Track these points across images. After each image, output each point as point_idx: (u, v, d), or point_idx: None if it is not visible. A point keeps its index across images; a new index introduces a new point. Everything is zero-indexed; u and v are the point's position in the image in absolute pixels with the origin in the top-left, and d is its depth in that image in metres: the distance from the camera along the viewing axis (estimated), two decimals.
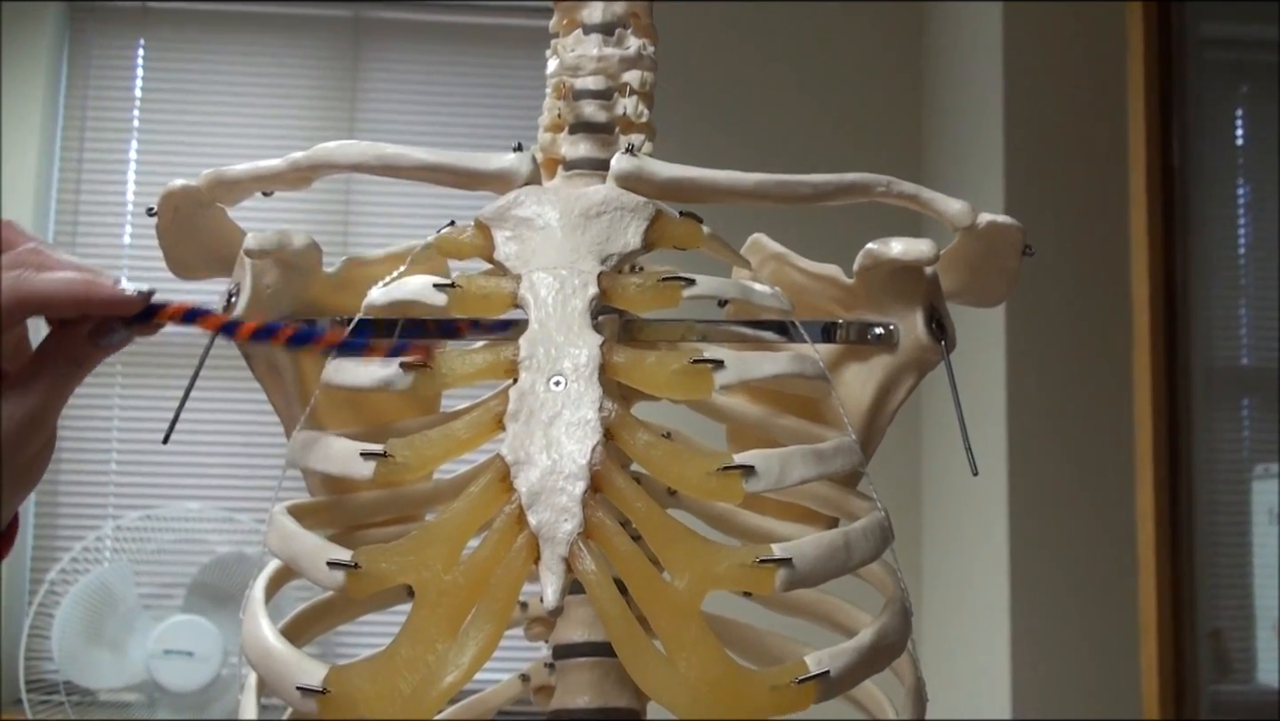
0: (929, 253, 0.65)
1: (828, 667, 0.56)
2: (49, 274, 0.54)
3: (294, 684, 0.57)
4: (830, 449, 0.63)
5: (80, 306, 0.55)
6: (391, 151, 0.67)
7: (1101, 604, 2.25)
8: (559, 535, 0.56)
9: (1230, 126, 2.28)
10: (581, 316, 0.61)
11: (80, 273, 0.55)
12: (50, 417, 0.57)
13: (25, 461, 0.56)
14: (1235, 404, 2.21)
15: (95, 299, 0.55)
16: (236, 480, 2.95)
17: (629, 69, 0.74)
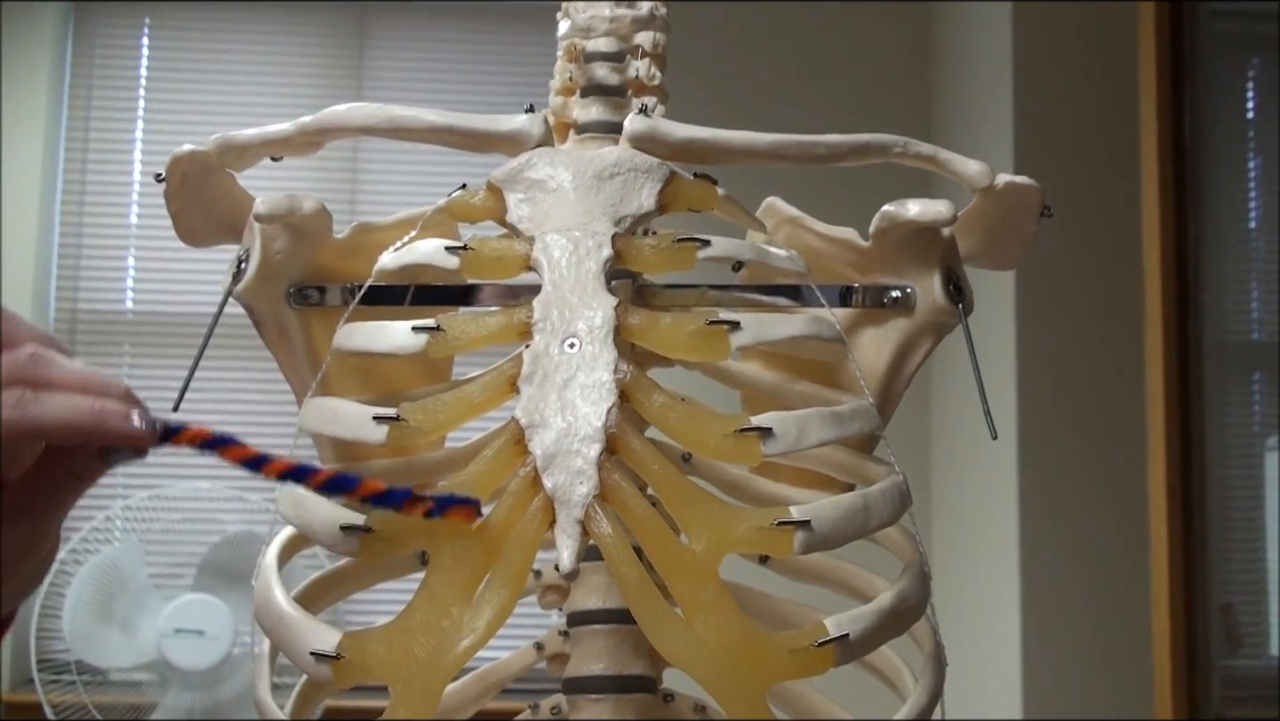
0: (947, 213, 0.64)
1: (847, 630, 0.56)
2: (53, 399, 0.49)
3: (308, 649, 0.56)
4: (848, 411, 0.62)
5: (86, 439, 0.50)
6: (401, 113, 0.67)
7: (1113, 577, 2.25)
8: (574, 498, 0.55)
9: (1241, 100, 2.26)
10: (596, 278, 0.60)
11: (86, 395, 0.49)
12: (52, 531, 0.53)
13: (27, 572, 0.53)
14: (1246, 378, 2.20)
15: (104, 431, 0.50)
16: None
17: (641, 30, 0.73)
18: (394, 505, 0.54)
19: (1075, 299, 2.33)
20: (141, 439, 0.51)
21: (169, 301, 2.92)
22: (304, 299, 0.67)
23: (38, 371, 0.49)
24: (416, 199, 1.02)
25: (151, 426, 0.51)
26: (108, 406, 0.50)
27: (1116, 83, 2.28)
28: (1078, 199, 2.27)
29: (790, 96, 2.88)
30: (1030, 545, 2.28)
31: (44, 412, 0.48)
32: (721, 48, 2.88)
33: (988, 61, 2.53)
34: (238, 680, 2.56)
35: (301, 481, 0.53)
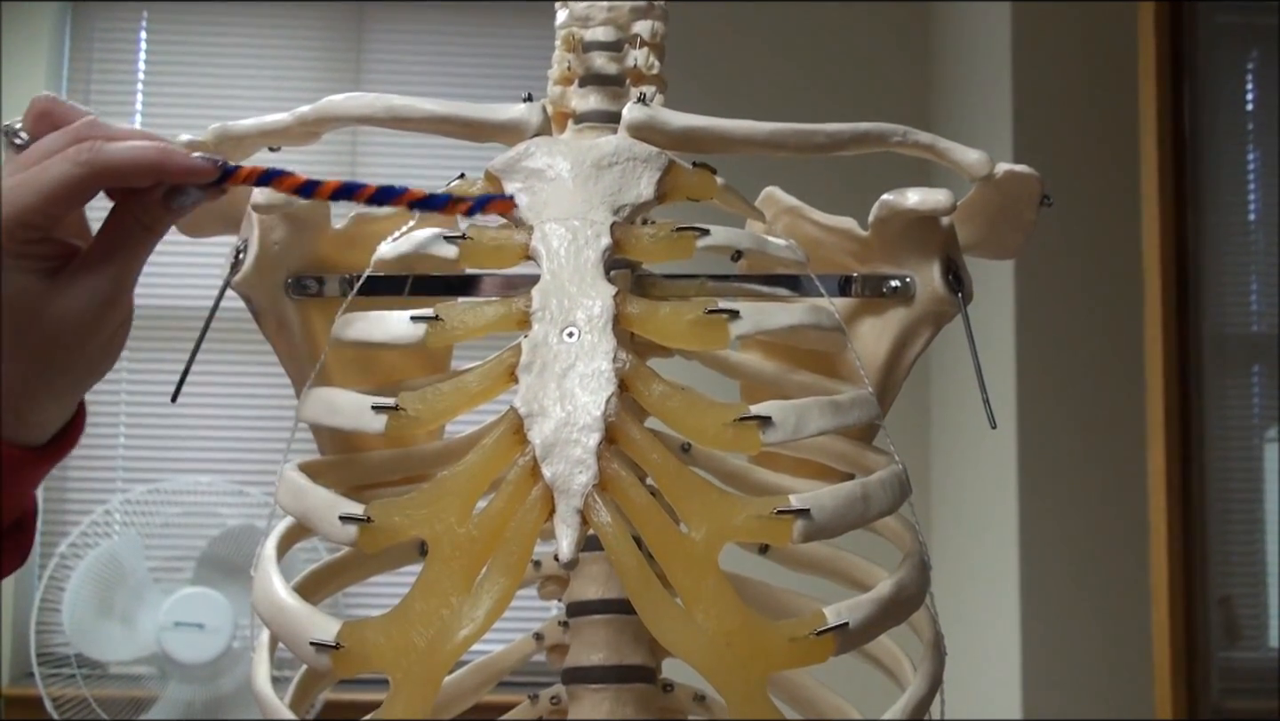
0: (946, 202, 0.64)
1: (846, 619, 0.56)
2: (120, 144, 0.53)
3: (307, 639, 0.56)
4: (847, 401, 0.62)
5: (156, 175, 0.54)
6: (399, 103, 0.67)
7: (1112, 569, 2.25)
8: (574, 487, 0.55)
9: (1241, 92, 2.26)
10: (594, 267, 0.60)
11: (148, 140, 0.54)
12: (129, 288, 0.56)
13: (105, 339, 0.56)
14: (1246, 370, 2.20)
15: (170, 167, 0.54)
16: (246, 453, 2.95)
17: (639, 19, 0.73)
18: (437, 208, 0.59)
19: (1075, 291, 2.33)
20: (205, 172, 0.55)
21: (166, 295, 2.92)
22: (302, 289, 0.67)
23: (102, 129, 0.54)
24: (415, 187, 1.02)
25: (212, 161, 0.55)
26: (170, 147, 0.55)
27: (1116, 75, 2.28)
28: (1077, 191, 2.27)
29: (788, 88, 2.88)
30: (1030, 537, 2.28)
31: (115, 154, 0.53)
32: (719, 43, 2.87)
33: (987, 53, 2.53)
34: (237, 673, 2.56)
35: (351, 198, 0.58)
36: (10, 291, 0.53)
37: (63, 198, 0.53)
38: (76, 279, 0.55)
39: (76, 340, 0.55)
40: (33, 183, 0.53)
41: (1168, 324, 2.09)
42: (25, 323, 0.54)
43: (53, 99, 0.56)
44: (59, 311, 0.54)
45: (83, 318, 0.54)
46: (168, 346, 2.95)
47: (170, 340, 2.94)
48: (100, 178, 0.53)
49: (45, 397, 0.56)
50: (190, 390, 0.67)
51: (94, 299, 0.55)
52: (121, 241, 0.56)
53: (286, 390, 0.69)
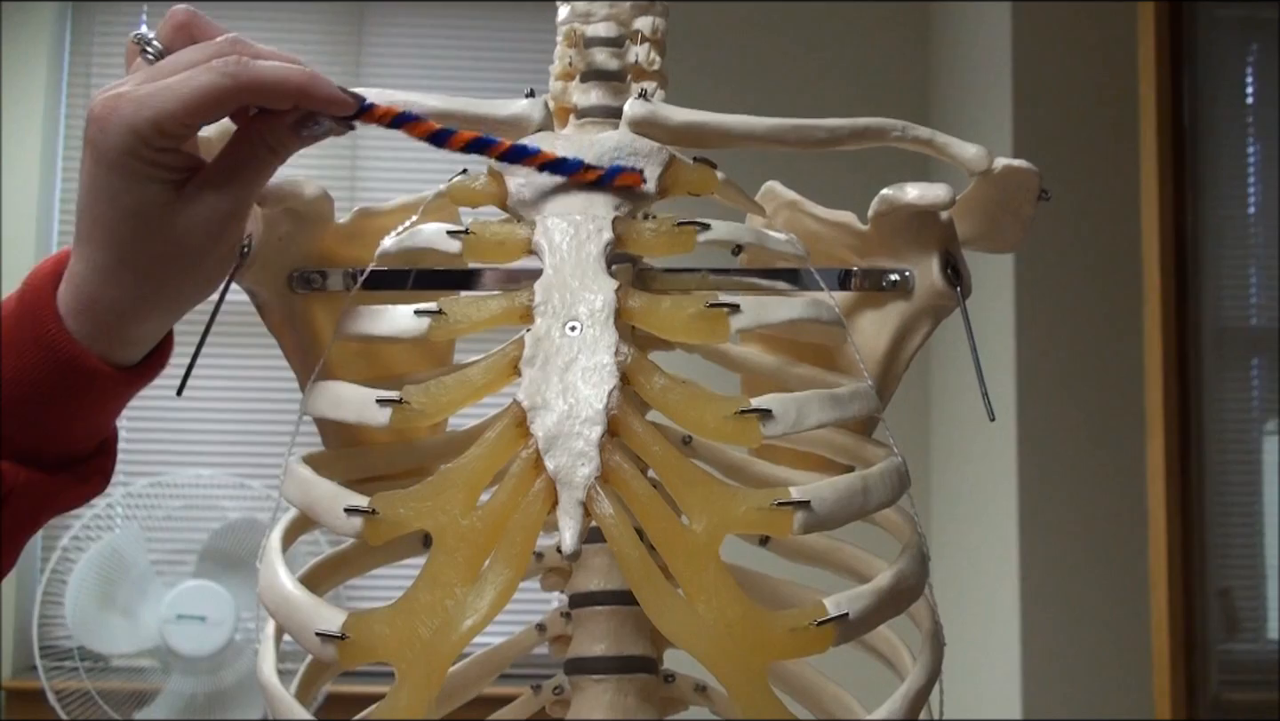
0: (945, 197, 0.65)
1: (846, 610, 0.56)
2: (265, 63, 0.53)
3: (313, 630, 0.57)
4: (847, 394, 0.62)
5: (299, 99, 0.54)
6: (402, 99, 0.67)
7: (1111, 562, 2.26)
8: (576, 479, 0.56)
9: (1240, 84, 2.26)
10: (596, 262, 0.61)
11: (294, 64, 0.54)
12: (249, 208, 0.57)
13: (217, 258, 0.56)
14: (1245, 363, 2.20)
15: (314, 94, 0.54)
16: (247, 446, 2.96)
17: (640, 15, 0.73)
18: (570, 171, 0.62)
19: (1074, 284, 2.33)
20: (344, 104, 0.55)
21: None
22: (306, 283, 0.67)
23: (246, 47, 0.54)
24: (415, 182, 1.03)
25: (352, 95, 0.56)
26: (315, 73, 0.54)
27: (1116, 67, 2.28)
28: (1077, 183, 2.28)
29: (788, 85, 2.89)
30: (1029, 529, 2.29)
31: (263, 71, 0.53)
32: (720, 42, 2.88)
33: (987, 46, 2.54)
34: (239, 666, 2.57)
35: (485, 151, 0.60)
36: (136, 199, 0.53)
37: (206, 107, 0.52)
38: (201, 194, 0.54)
39: (193, 256, 0.55)
40: (176, 89, 0.52)
41: (1167, 317, 2.10)
42: (147, 232, 0.54)
43: (192, 12, 0.56)
44: (182, 225, 0.54)
45: (203, 233, 0.54)
46: None
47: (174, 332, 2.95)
48: (246, 92, 0.53)
49: (148, 314, 0.56)
50: (192, 383, 0.67)
51: (216, 215, 0.54)
52: (247, 160, 0.55)
53: (287, 384, 0.70)
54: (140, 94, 0.52)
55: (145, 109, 0.52)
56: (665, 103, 0.69)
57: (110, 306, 0.55)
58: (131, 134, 0.52)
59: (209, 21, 0.56)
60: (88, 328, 0.55)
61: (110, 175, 0.53)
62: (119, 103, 0.52)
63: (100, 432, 0.60)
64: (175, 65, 0.53)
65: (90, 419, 0.58)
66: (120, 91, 0.53)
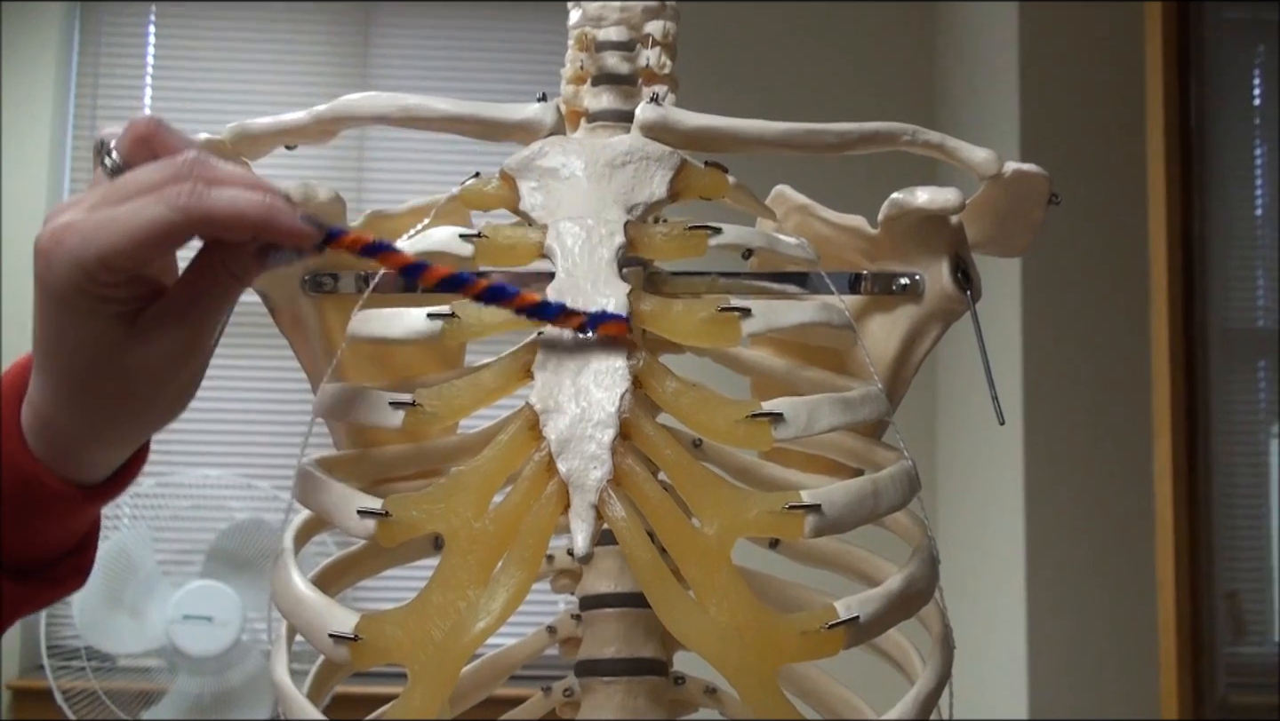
0: (955, 201, 0.65)
1: (857, 613, 0.56)
2: (224, 191, 0.49)
3: (326, 631, 0.57)
4: (857, 397, 0.63)
5: (256, 232, 0.50)
6: (414, 102, 0.67)
7: (1118, 564, 2.26)
8: (588, 482, 0.56)
9: (1247, 87, 2.26)
10: (608, 266, 0.61)
11: (255, 191, 0.50)
12: (211, 337, 0.54)
13: (178, 389, 0.54)
14: (1252, 365, 2.20)
15: (274, 227, 0.50)
16: (254, 447, 2.96)
17: (652, 19, 0.73)
18: (549, 317, 0.58)
19: (1081, 286, 2.33)
20: (307, 236, 0.51)
21: None
22: (318, 286, 0.67)
23: (205, 170, 0.50)
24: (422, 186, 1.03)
25: (316, 225, 0.51)
26: (276, 203, 0.50)
27: (1122, 69, 2.28)
28: (1083, 185, 2.28)
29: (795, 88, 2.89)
30: (1036, 532, 2.29)
31: (217, 203, 0.49)
32: (727, 42, 2.88)
33: (993, 48, 2.54)
34: (246, 666, 2.57)
35: (459, 290, 0.55)
36: (85, 335, 0.50)
37: (153, 243, 0.49)
38: (157, 325, 0.51)
39: (150, 389, 0.52)
40: (122, 222, 0.48)
41: (1174, 319, 2.09)
42: (99, 368, 0.51)
43: (156, 122, 0.52)
44: (136, 358, 0.51)
45: (161, 366, 0.52)
46: None
47: None
48: (197, 226, 0.49)
49: (107, 442, 0.54)
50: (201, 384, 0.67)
51: (173, 349, 0.52)
52: (208, 289, 0.52)
53: (295, 385, 0.70)
54: (87, 227, 0.49)
55: (91, 245, 0.48)
56: (676, 106, 0.69)
57: (68, 433, 0.53)
58: (77, 269, 0.49)
59: (171, 133, 0.52)
60: (47, 450, 0.53)
61: (58, 311, 0.50)
62: (65, 234, 0.49)
63: (74, 539, 0.57)
64: (128, 189, 0.50)
65: (57, 532, 0.56)
66: (68, 221, 0.49)
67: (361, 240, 0.53)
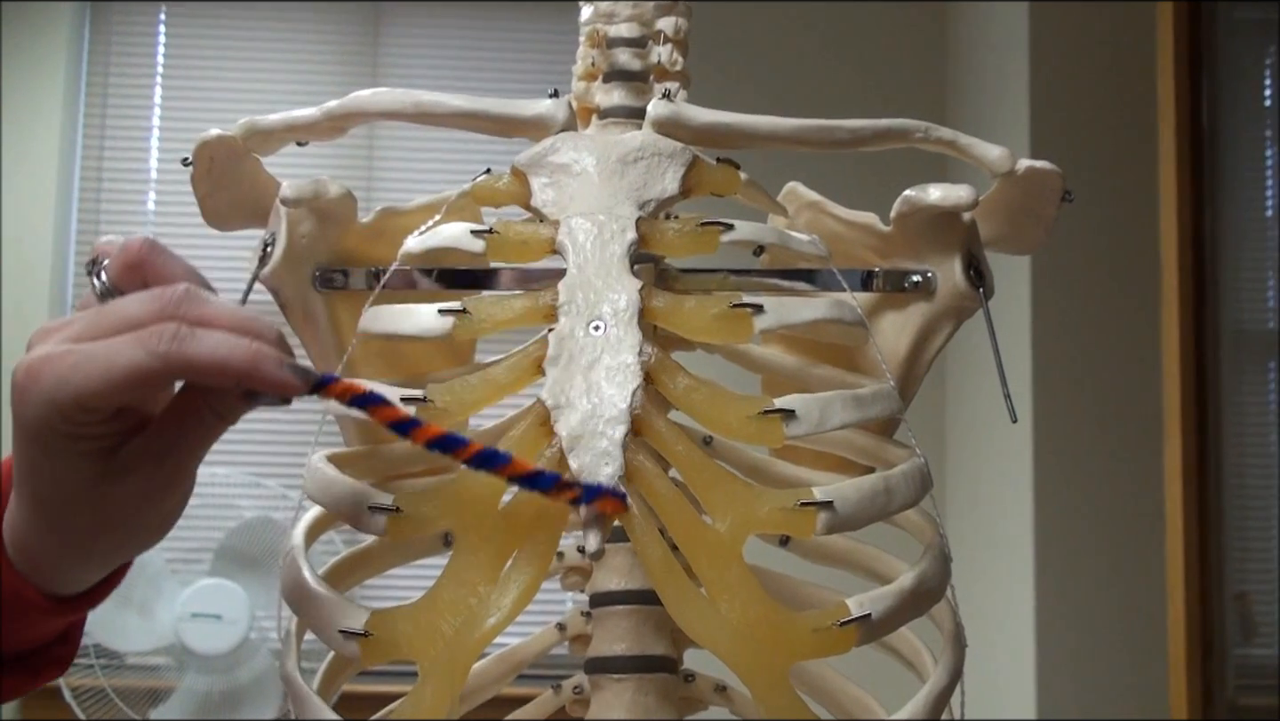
0: (968, 198, 0.65)
1: (869, 610, 0.56)
2: (210, 337, 0.47)
3: (336, 627, 0.57)
4: (869, 394, 0.62)
5: (240, 382, 0.48)
6: (426, 99, 0.67)
7: (1128, 564, 2.25)
8: (600, 478, 0.56)
9: (1259, 87, 2.25)
10: (620, 261, 0.61)
11: (241, 337, 0.48)
12: (191, 473, 0.52)
13: (167, 510, 0.53)
14: (1263, 365, 2.19)
15: (258, 378, 0.48)
16: (263, 445, 2.97)
17: (663, 15, 0.73)
18: (542, 488, 0.54)
19: (1092, 286, 2.33)
20: (292, 387, 0.49)
21: None
22: (329, 282, 0.67)
23: (192, 308, 0.48)
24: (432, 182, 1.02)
25: (303, 376, 0.49)
26: (263, 350, 0.48)
27: (1134, 70, 2.28)
28: (1095, 185, 2.27)
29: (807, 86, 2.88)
30: (1045, 532, 2.28)
31: (200, 350, 0.47)
32: (738, 44, 2.88)
33: (1004, 48, 2.53)
34: (255, 664, 2.57)
35: (450, 452, 0.52)
36: (60, 471, 0.49)
37: (130, 388, 0.47)
38: (136, 463, 0.50)
39: (128, 525, 0.51)
40: (100, 363, 0.47)
41: (1185, 319, 2.09)
42: (75, 503, 0.50)
43: (151, 245, 0.50)
44: (115, 496, 0.50)
45: (138, 504, 0.50)
46: None
47: None
48: (180, 372, 0.47)
49: (84, 566, 0.54)
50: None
51: (151, 487, 0.50)
52: (192, 428, 0.50)
53: None
54: (63, 367, 0.47)
55: (66, 386, 0.47)
56: (688, 103, 0.69)
57: (44, 555, 0.52)
58: (52, 409, 0.47)
59: (168, 259, 0.50)
60: (26, 564, 0.52)
61: (32, 447, 0.49)
62: (42, 371, 0.47)
63: (56, 632, 0.57)
64: (110, 323, 0.48)
65: (37, 634, 0.55)
66: (46, 355, 0.48)
67: (352, 390, 0.51)
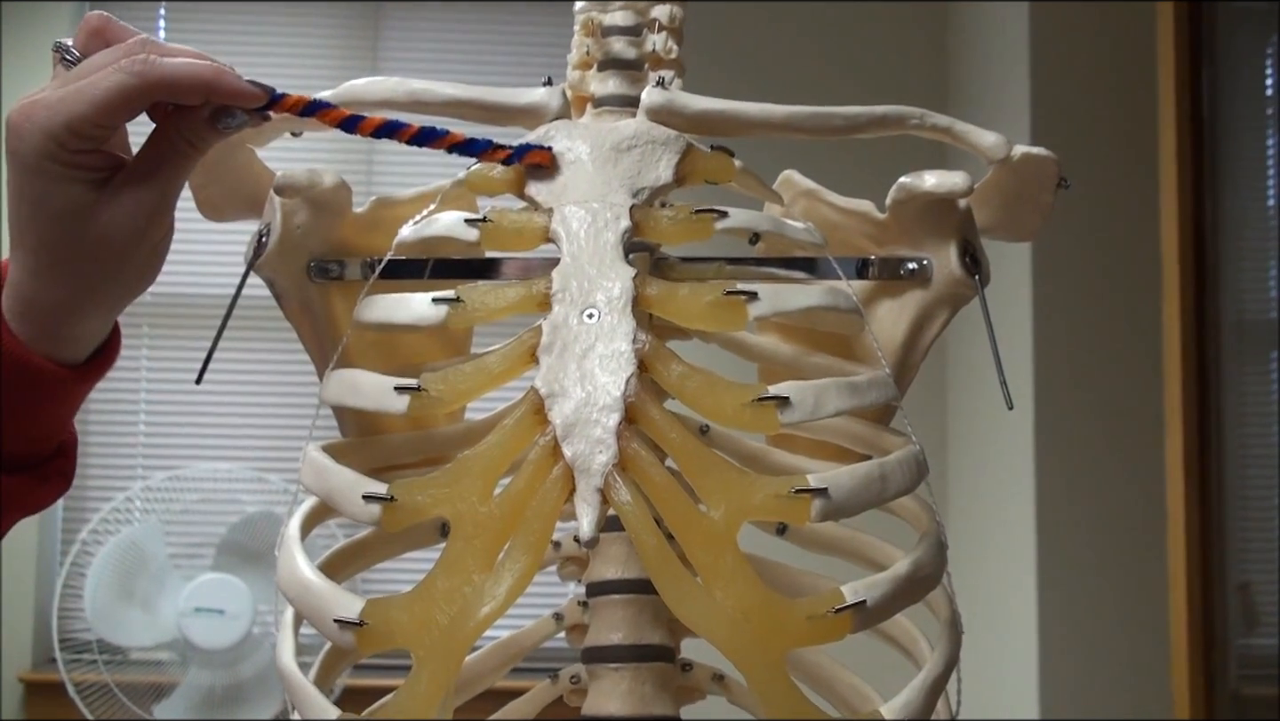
0: (963, 185, 0.64)
1: (864, 597, 0.56)
2: (174, 60, 0.54)
3: (331, 616, 0.57)
4: (864, 382, 0.62)
5: (207, 92, 0.55)
6: (420, 87, 0.67)
7: (1130, 555, 2.25)
8: (594, 466, 0.56)
9: (1260, 77, 2.25)
10: (614, 249, 0.61)
11: (202, 59, 0.55)
12: (172, 202, 0.57)
13: (147, 252, 0.57)
14: (1264, 356, 2.19)
15: (222, 87, 0.55)
16: (265, 440, 2.97)
17: (657, 4, 0.73)
18: (477, 152, 0.62)
19: (1093, 276, 2.32)
20: (253, 96, 0.56)
21: (185, 282, 2.93)
22: (324, 272, 0.67)
23: (156, 46, 0.55)
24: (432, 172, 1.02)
25: (261, 88, 0.57)
26: (223, 67, 0.56)
27: (1135, 60, 2.27)
28: (1096, 175, 2.27)
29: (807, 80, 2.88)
30: (1047, 523, 2.28)
31: (169, 67, 0.54)
32: (738, 38, 2.87)
33: (1005, 38, 2.53)
34: (257, 659, 2.58)
35: (393, 136, 0.60)
36: (59, 201, 0.54)
37: (116, 107, 0.53)
38: (124, 190, 0.55)
39: (121, 252, 0.56)
40: (86, 92, 0.53)
41: (1186, 309, 2.08)
42: (73, 233, 0.55)
43: (105, 17, 0.57)
44: (106, 222, 0.55)
45: (129, 229, 0.56)
46: (188, 334, 2.97)
47: (190, 327, 2.96)
48: (153, 89, 0.54)
49: (86, 311, 0.57)
50: (210, 377, 0.67)
51: (140, 210, 0.56)
52: (167, 156, 0.56)
53: (306, 377, 0.70)
54: (53, 99, 0.54)
55: (58, 114, 0.53)
56: (682, 91, 0.69)
57: (47, 306, 0.56)
58: (47, 138, 0.53)
59: (122, 26, 0.57)
60: (29, 329, 0.57)
61: (32, 179, 0.54)
62: (33, 109, 0.54)
63: (57, 434, 0.60)
64: (88, 69, 0.55)
65: (44, 419, 0.59)
66: (35, 98, 0.54)
67: (302, 101, 0.59)
